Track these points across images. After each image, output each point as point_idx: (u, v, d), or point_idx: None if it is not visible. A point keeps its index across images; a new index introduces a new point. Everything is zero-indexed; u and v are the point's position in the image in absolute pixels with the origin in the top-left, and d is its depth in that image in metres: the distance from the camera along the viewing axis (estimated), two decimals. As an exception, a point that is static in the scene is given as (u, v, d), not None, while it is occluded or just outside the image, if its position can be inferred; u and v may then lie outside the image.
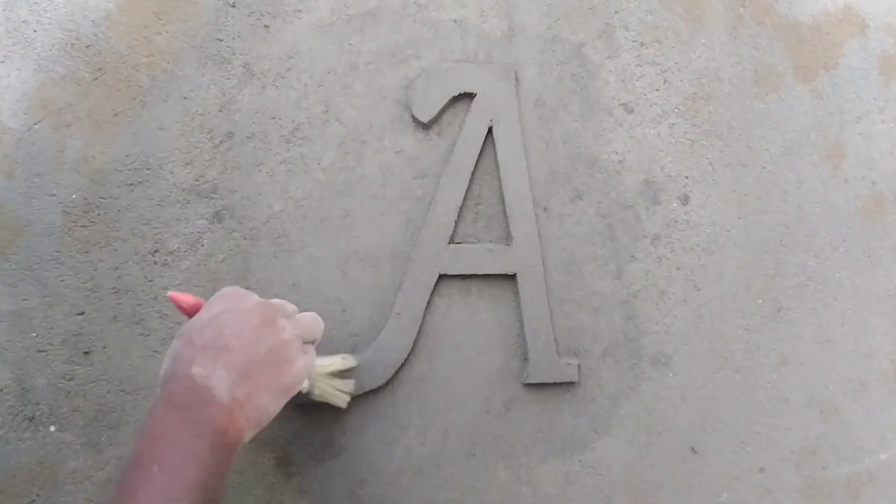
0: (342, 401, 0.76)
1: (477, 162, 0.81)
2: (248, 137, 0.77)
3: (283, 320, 0.64)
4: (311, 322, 0.68)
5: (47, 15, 0.74)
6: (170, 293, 0.65)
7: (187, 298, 0.65)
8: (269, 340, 0.62)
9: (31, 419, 0.74)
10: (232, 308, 0.62)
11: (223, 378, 0.58)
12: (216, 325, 0.60)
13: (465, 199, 0.80)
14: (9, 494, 0.73)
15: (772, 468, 0.91)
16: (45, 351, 0.74)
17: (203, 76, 0.77)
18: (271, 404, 0.62)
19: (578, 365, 0.84)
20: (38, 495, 0.73)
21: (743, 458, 0.90)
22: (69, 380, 0.74)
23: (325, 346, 0.78)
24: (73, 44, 0.74)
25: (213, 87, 0.77)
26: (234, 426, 0.58)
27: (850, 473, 0.94)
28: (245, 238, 0.77)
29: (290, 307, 0.67)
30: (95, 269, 0.74)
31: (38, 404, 0.73)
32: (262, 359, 0.61)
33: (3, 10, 0.73)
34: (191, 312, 0.64)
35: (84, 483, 0.74)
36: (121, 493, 0.52)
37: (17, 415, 0.74)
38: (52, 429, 0.74)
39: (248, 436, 0.60)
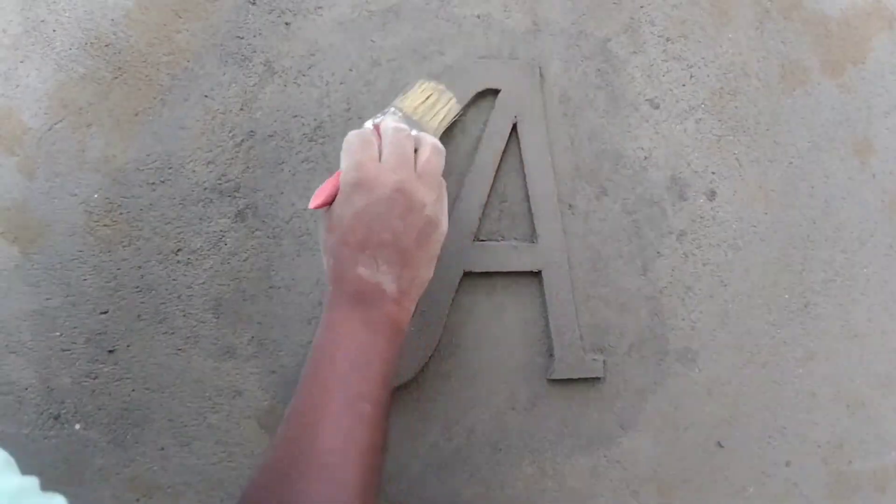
0: (455, 109, 0.55)
1: (501, 159, 0.57)
2: (269, 136, 0.55)
3: (421, 191, 0.46)
4: (437, 160, 0.48)
5: (66, 14, 0.53)
6: (313, 206, 0.45)
7: (324, 196, 0.46)
8: (416, 222, 0.46)
9: (57, 417, 0.54)
10: (371, 200, 0.45)
11: (387, 273, 0.46)
12: (364, 222, 0.45)
13: (489, 196, 0.57)
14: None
15: (798, 462, 0.68)
16: (69, 350, 0.52)
17: (224, 74, 0.54)
18: (430, 272, 0.49)
19: (604, 361, 0.60)
20: (64, 493, 0.54)
21: (769, 452, 0.66)
22: (94, 378, 0.53)
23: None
24: (92, 43, 0.52)
25: (234, 85, 0.55)
26: (404, 314, 0.47)
27: (876, 467, 0.70)
28: (268, 237, 0.54)
29: (409, 149, 0.47)
30: (118, 269, 0.53)
31: (63, 403, 0.52)
32: (415, 241, 0.46)
33: (22, 9, 0.53)
34: (333, 201, 0.47)
35: (110, 480, 0.53)
36: (314, 387, 0.42)
37: (42, 413, 0.53)
38: (78, 427, 0.53)
39: (411, 314, 0.48)
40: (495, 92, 0.57)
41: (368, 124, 0.51)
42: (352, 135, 0.48)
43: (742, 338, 0.63)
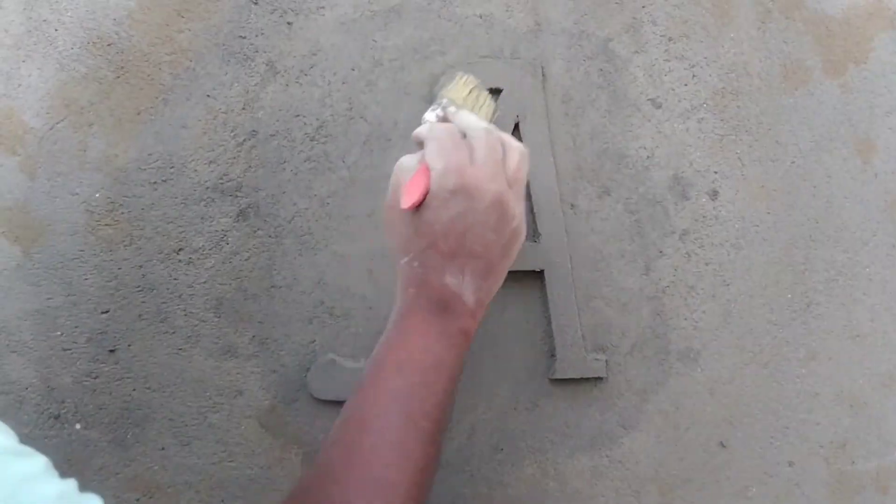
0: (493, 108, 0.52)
1: (503, 158, 0.59)
2: (271, 135, 0.53)
3: (513, 202, 0.44)
4: (526, 167, 0.45)
5: (68, 14, 0.51)
6: (406, 207, 0.42)
7: (418, 194, 0.42)
8: (505, 235, 0.44)
9: (57, 417, 0.52)
10: (471, 208, 0.42)
11: (469, 283, 0.43)
12: (459, 231, 0.42)
13: (491, 195, 0.59)
14: None
15: (800, 462, 0.65)
16: (69, 349, 0.50)
17: (226, 74, 0.52)
18: (500, 284, 0.46)
19: (606, 360, 0.58)
20: None
21: (771, 452, 0.64)
22: (94, 378, 0.51)
23: (351, 343, 0.57)
24: (94, 42, 0.50)
25: (236, 84, 0.53)
26: (475, 325, 0.45)
27: (879, 467, 0.67)
28: (270, 236, 0.52)
29: (500, 154, 0.43)
30: (119, 268, 0.51)
31: (63, 402, 0.50)
32: (501, 252, 0.44)
33: (24, 9, 0.51)
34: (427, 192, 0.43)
35: (110, 480, 0.51)
36: (379, 396, 0.39)
37: (42, 413, 0.50)
38: (78, 427, 0.51)
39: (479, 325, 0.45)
40: (497, 91, 0.55)
41: (431, 116, 0.47)
42: (440, 130, 0.44)
43: (744, 337, 0.61)
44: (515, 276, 0.57)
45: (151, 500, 0.51)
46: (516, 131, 0.56)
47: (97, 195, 0.50)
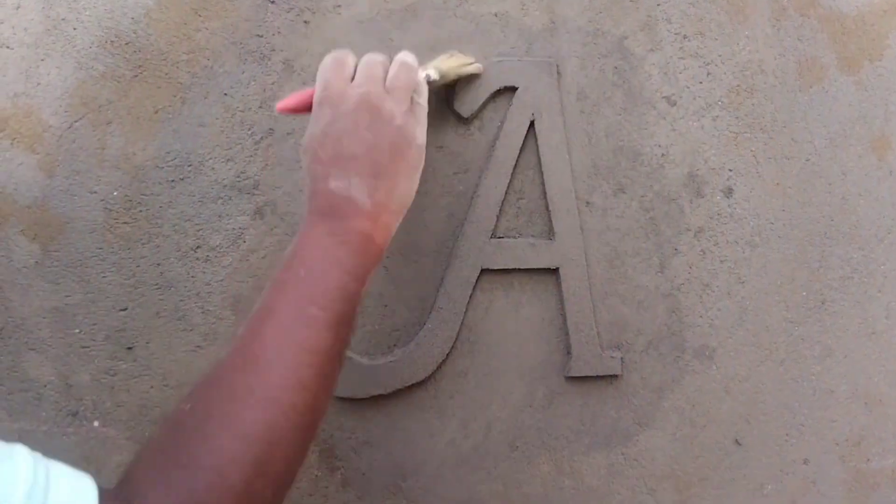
0: (475, 68, 0.52)
1: (519, 156, 0.54)
2: (288, 133, 0.51)
3: (389, 103, 0.44)
4: (406, 75, 0.45)
5: (87, 12, 0.49)
6: (278, 107, 0.44)
7: (293, 102, 0.44)
8: (386, 133, 0.43)
9: (75, 414, 0.50)
10: (338, 114, 0.43)
11: (359, 185, 0.43)
12: (333, 137, 0.43)
13: (506, 193, 0.53)
14: None
15: (816, 460, 0.63)
16: (88, 347, 0.49)
17: (243, 72, 0.50)
18: (410, 187, 0.45)
19: (621, 358, 0.56)
20: None
21: (787, 450, 0.62)
22: (112, 375, 0.50)
23: (368, 341, 0.56)
24: (112, 41, 0.49)
25: (253, 83, 0.51)
26: (381, 229, 0.43)
27: (894, 465, 0.65)
28: (287, 234, 0.51)
29: (379, 69, 0.45)
30: (137, 266, 0.49)
31: (81, 400, 0.49)
32: (387, 152, 0.43)
33: (43, 7, 0.49)
34: (306, 108, 0.45)
35: (129, 477, 0.53)
36: (271, 291, 0.40)
37: (60, 410, 0.49)
38: (96, 424, 0.49)
39: (396, 227, 0.45)
40: (513, 90, 0.54)
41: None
42: (327, 56, 0.46)
43: (759, 335, 0.59)
44: (531, 273, 0.56)
45: (169, 497, 0.50)
46: (531, 129, 0.54)
47: (115, 193, 0.49)
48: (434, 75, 0.49)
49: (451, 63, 0.51)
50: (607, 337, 0.56)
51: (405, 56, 0.47)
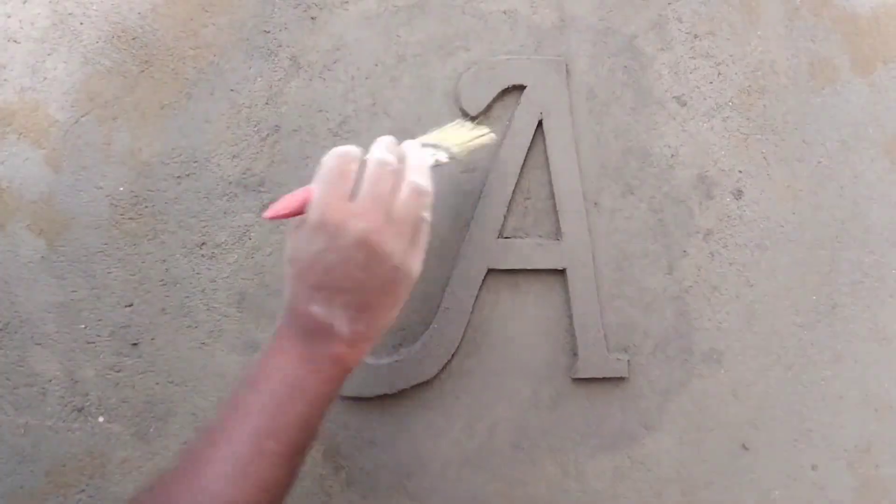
0: (489, 139, 0.50)
1: (526, 156, 0.53)
2: (294, 130, 0.51)
3: (390, 242, 0.40)
4: (416, 203, 0.41)
5: (94, 7, 0.49)
6: (267, 215, 0.40)
7: (284, 209, 0.40)
8: (380, 273, 0.40)
9: (80, 410, 0.49)
10: (333, 246, 0.39)
11: (342, 316, 0.40)
12: (323, 266, 0.39)
13: (514, 193, 0.53)
14: (59, 484, 0.50)
15: (824, 466, 0.63)
16: (93, 342, 0.49)
17: (250, 69, 0.50)
18: (393, 315, 0.43)
19: (628, 360, 0.55)
20: (87, 485, 0.49)
21: (795, 455, 0.61)
22: (118, 371, 0.49)
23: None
24: (119, 36, 0.48)
25: (259, 79, 0.50)
26: (355, 355, 0.41)
27: (904, 472, 0.65)
28: (292, 231, 0.54)
29: (386, 186, 0.40)
30: (143, 262, 0.49)
31: (86, 395, 0.49)
32: (378, 290, 0.41)
33: (50, 2, 0.48)
34: (297, 213, 0.40)
35: (133, 473, 0.49)
36: (230, 411, 0.38)
37: (66, 405, 0.49)
38: (101, 419, 0.49)
39: (370, 349, 0.42)
40: (521, 88, 0.53)
41: (382, 144, 0.44)
42: (330, 157, 0.41)
43: (768, 339, 0.58)
44: (537, 274, 0.55)
45: (172, 494, 0.50)
46: (539, 129, 0.54)
47: (121, 189, 0.49)
48: (444, 158, 0.46)
49: (462, 138, 0.48)
50: (614, 339, 0.56)
51: (419, 177, 0.42)
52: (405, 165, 0.42)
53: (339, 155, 0.41)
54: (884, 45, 0.60)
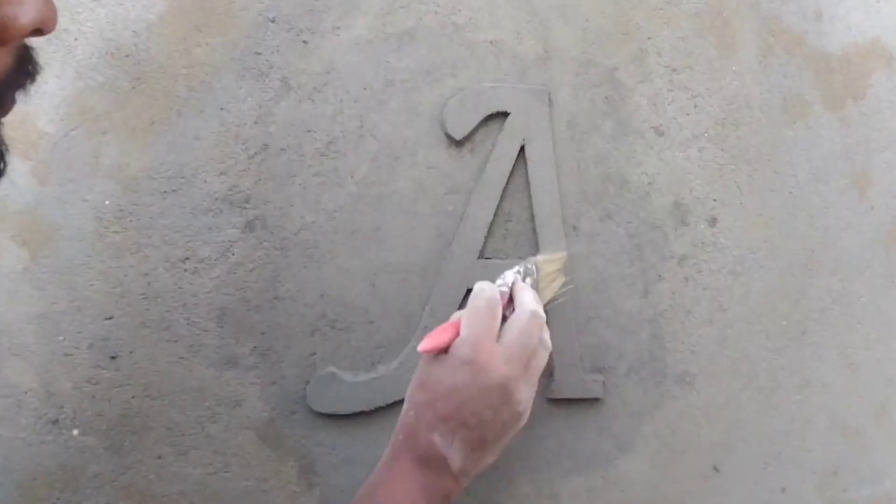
0: (570, 292, 0.53)
1: (508, 180, 0.53)
2: (282, 149, 0.51)
3: (523, 391, 0.44)
4: (544, 363, 0.46)
5: (88, 24, 0.49)
6: (423, 348, 0.43)
7: (439, 343, 0.43)
8: (505, 416, 0.44)
9: (55, 422, 0.48)
10: (474, 382, 0.43)
11: (459, 451, 0.43)
12: (457, 400, 0.43)
13: (495, 215, 0.53)
14: (30, 497, 0.48)
15: (793, 488, 0.63)
16: (71, 354, 0.48)
17: (240, 88, 0.50)
18: (494, 458, 0.46)
19: (603, 382, 0.56)
20: (58, 498, 0.48)
21: (765, 477, 0.62)
22: (95, 384, 0.49)
23: (352, 357, 0.55)
24: (112, 53, 0.48)
25: (249, 99, 0.51)
26: (458, 490, 0.45)
27: (871, 496, 0.65)
28: (276, 248, 0.50)
29: (533, 340, 0.44)
30: (125, 275, 0.49)
31: (62, 407, 0.48)
32: (498, 431, 0.44)
33: None
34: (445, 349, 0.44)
35: (105, 487, 0.48)
36: None
37: (40, 417, 0.48)
38: (76, 432, 0.48)
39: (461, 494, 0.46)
40: (505, 115, 0.54)
41: (510, 276, 0.48)
42: (484, 293, 0.44)
43: (740, 363, 0.59)
44: (517, 295, 0.55)
45: (146, 509, 0.49)
46: (521, 154, 0.54)
47: (107, 202, 0.49)
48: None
49: (553, 286, 0.51)
50: (590, 360, 0.56)
51: (549, 342, 0.46)
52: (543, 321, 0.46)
53: (488, 298, 0.44)
54: (853, 83, 0.61)
